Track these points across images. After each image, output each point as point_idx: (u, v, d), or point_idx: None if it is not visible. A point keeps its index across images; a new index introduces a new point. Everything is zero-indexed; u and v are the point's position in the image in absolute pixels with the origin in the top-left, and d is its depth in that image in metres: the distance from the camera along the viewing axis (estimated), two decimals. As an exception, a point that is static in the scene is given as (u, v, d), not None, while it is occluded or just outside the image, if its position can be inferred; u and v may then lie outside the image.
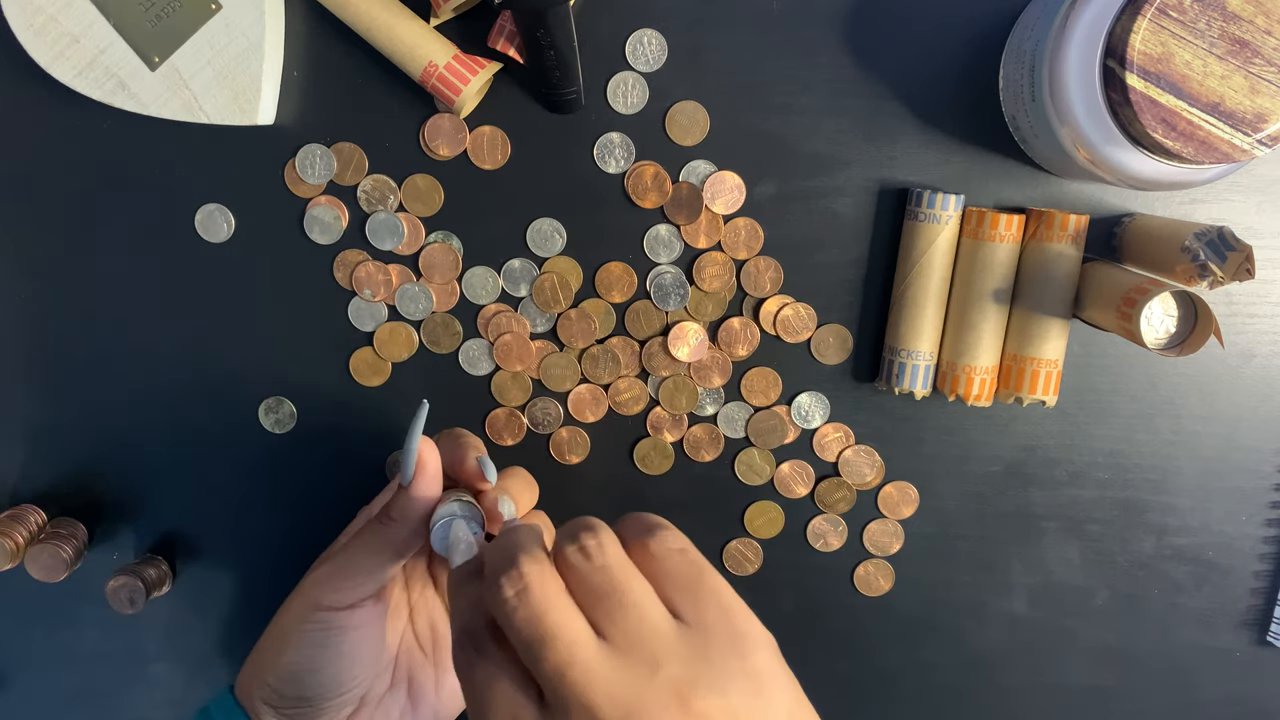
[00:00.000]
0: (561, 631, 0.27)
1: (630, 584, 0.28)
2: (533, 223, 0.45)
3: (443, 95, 0.41)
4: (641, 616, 0.27)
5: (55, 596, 0.48)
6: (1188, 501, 0.47)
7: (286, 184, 0.44)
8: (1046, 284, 0.42)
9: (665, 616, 0.28)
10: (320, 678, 0.35)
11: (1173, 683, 0.48)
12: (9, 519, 0.45)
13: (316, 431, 0.47)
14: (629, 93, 0.43)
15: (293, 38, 0.43)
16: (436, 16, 0.41)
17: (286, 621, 0.36)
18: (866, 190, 0.44)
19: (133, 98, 0.41)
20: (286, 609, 0.36)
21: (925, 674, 0.49)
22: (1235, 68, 0.34)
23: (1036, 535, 0.47)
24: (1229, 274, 0.37)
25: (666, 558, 0.29)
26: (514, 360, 0.45)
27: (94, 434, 0.46)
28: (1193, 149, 0.34)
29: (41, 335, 0.45)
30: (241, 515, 0.47)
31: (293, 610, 0.36)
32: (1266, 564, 0.47)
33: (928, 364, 0.44)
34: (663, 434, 0.46)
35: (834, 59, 0.43)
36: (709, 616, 0.28)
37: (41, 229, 0.45)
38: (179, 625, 0.48)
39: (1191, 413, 0.46)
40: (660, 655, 0.27)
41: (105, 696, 0.49)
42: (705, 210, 0.44)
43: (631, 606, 0.28)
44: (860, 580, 0.48)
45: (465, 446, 0.38)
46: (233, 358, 0.46)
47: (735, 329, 0.45)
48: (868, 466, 0.46)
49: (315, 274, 0.45)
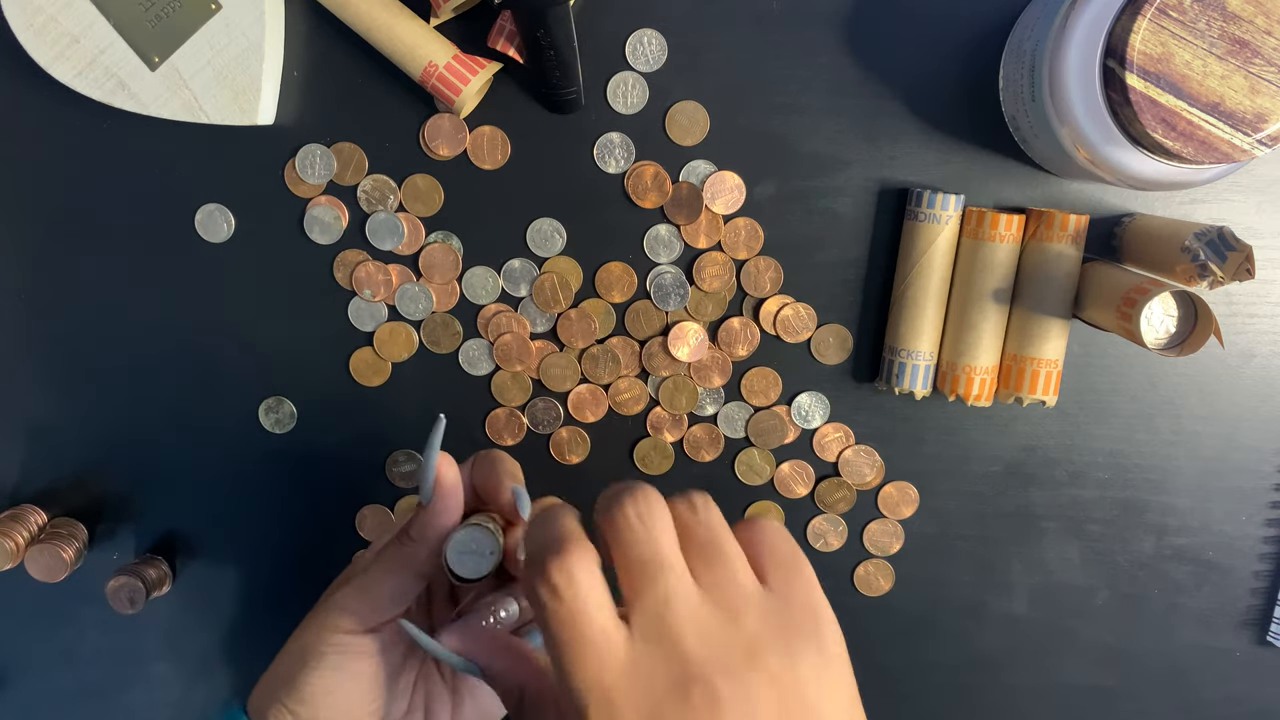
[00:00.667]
0: (676, 562, 0.28)
1: (729, 542, 0.30)
2: (533, 223, 0.45)
3: (443, 95, 0.41)
4: (734, 571, 0.29)
5: (55, 596, 0.48)
6: (1188, 501, 0.47)
7: (286, 184, 0.44)
8: (1046, 284, 0.42)
9: (754, 580, 0.29)
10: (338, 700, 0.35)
11: (1173, 683, 0.48)
12: (9, 519, 0.45)
13: (316, 431, 0.47)
14: (629, 93, 0.43)
15: (293, 38, 0.43)
16: (436, 16, 0.41)
17: (305, 643, 0.35)
18: (866, 190, 0.44)
19: (133, 98, 0.41)
20: (305, 630, 0.36)
21: (925, 674, 0.49)
22: (1235, 68, 0.34)
23: (1036, 535, 0.47)
24: (1229, 274, 0.37)
25: (766, 532, 0.31)
26: (514, 360, 0.45)
27: (94, 434, 0.46)
28: (1193, 149, 0.34)
29: (42, 335, 0.45)
30: (241, 515, 0.47)
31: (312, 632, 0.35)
32: (1266, 564, 0.47)
33: (928, 364, 0.44)
34: (663, 434, 0.46)
35: (834, 59, 0.43)
36: (794, 589, 0.29)
37: (41, 229, 0.45)
38: (179, 625, 0.48)
39: (1191, 413, 0.46)
40: (743, 608, 0.28)
41: (105, 696, 0.49)
42: (705, 210, 0.44)
43: (728, 559, 0.29)
44: (860, 580, 0.48)
45: (501, 473, 0.37)
46: (233, 358, 0.46)
47: (735, 329, 0.45)
48: (868, 466, 0.46)
49: (315, 274, 0.45)
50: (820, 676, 0.28)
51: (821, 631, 0.29)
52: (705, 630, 0.27)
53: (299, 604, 0.48)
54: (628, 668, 0.27)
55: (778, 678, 0.27)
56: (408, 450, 0.47)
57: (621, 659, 0.27)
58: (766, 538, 0.31)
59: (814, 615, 0.29)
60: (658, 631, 0.27)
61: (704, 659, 0.27)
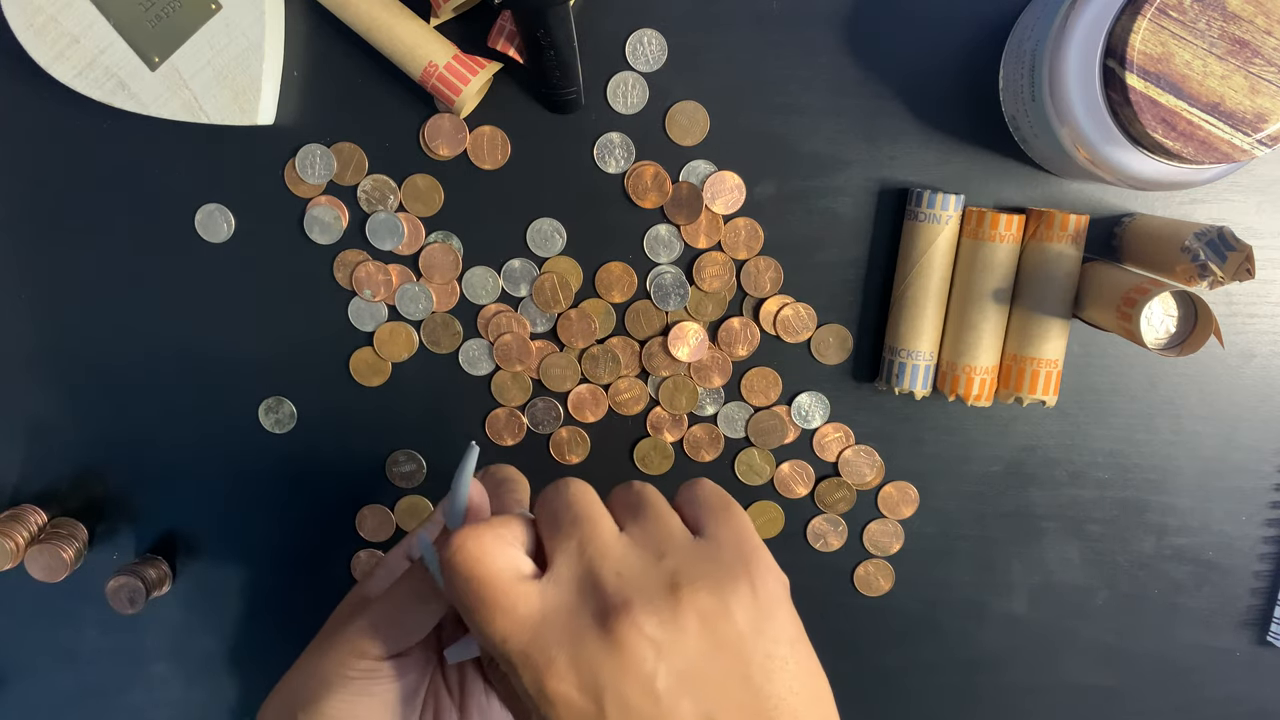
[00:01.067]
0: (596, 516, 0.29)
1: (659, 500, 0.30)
2: (533, 223, 0.45)
3: (443, 95, 0.41)
4: (660, 519, 0.29)
5: (55, 596, 0.48)
6: (1188, 501, 0.47)
7: (286, 184, 0.44)
8: (1046, 284, 0.42)
9: (684, 529, 0.29)
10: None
11: (1173, 683, 0.48)
12: (9, 519, 0.45)
13: (316, 431, 0.47)
14: (629, 93, 0.43)
15: (293, 38, 0.43)
16: (436, 16, 0.41)
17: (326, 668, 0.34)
18: (866, 190, 0.44)
19: (133, 98, 0.41)
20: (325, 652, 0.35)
21: (925, 674, 0.49)
22: (1235, 68, 0.34)
23: (1036, 535, 0.47)
24: (1229, 274, 0.37)
25: (698, 487, 0.31)
26: (514, 360, 0.45)
27: (94, 434, 0.46)
28: (1193, 149, 0.34)
29: (42, 335, 0.45)
30: (241, 515, 0.47)
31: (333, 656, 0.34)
32: (1266, 564, 0.47)
33: (928, 364, 0.44)
34: (663, 434, 0.46)
35: (834, 59, 0.43)
36: (723, 534, 0.29)
37: (41, 229, 0.45)
38: (179, 625, 0.48)
39: (1191, 413, 0.46)
40: (667, 549, 0.28)
41: (105, 696, 0.49)
42: (705, 210, 0.44)
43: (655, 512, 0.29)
44: (860, 580, 0.48)
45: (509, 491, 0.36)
46: (233, 358, 0.46)
47: (735, 329, 0.45)
48: (868, 466, 0.46)
49: (315, 274, 0.45)
50: (755, 613, 0.27)
51: (754, 570, 0.28)
52: (625, 567, 0.27)
53: (299, 604, 0.48)
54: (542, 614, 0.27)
55: (706, 613, 0.27)
56: (408, 450, 0.47)
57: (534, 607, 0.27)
58: (699, 492, 0.31)
59: (745, 556, 0.29)
60: (572, 574, 0.27)
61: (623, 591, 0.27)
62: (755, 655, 0.27)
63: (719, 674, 0.26)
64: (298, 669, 0.36)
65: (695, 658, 0.26)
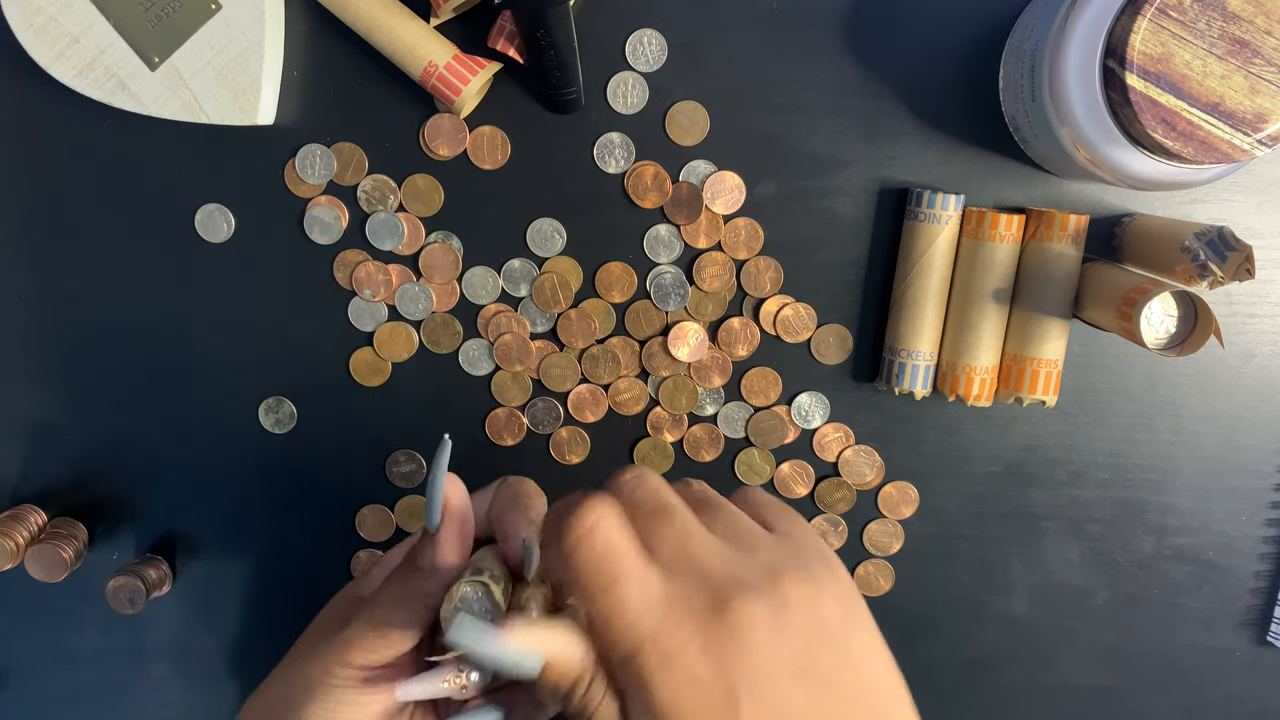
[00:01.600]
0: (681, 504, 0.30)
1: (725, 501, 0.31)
2: (533, 223, 0.45)
3: (443, 95, 0.41)
4: (738, 517, 0.30)
5: (55, 596, 0.48)
6: (1188, 501, 0.47)
7: (286, 184, 0.44)
8: (1046, 284, 0.42)
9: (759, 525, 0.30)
10: None
11: (1173, 683, 0.48)
12: (9, 519, 0.45)
13: (316, 431, 0.47)
14: (629, 93, 0.43)
15: (293, 38, 0.43)
16: (436, 16, 0.41)
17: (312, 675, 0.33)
18: (866, 190, 0.44)
19: (133, 98, 0.41)
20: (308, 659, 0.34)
21: (925, 674, 0.49)
22: (1235, 68, 0.34)
23: (1036, 535, 0.47)
24: (1229, 274, 0.37)
25: (754, 493, 0.33)
26: (514, 360, 0.45)
27: (94, 434, 0.46)
28: (1193, 149, 0.34)
29: (41, 335, 0.45)
30: (241, 515, 0.47)
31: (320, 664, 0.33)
32: (1266, 564, 0.47)
33: (928, 364, 0.44)
34: (663, 434, 0.46)
35: (834, 59, 0.43)
36: (796, 532, 0.30)
37: (41, 229, 0.45)
38: (179, 625, 0.48)
39: (1191, 413, 0.46)
40: (756, 544, 0.29)
41: (105, 696, 0.49)
42: (705, 210, 0.44)
43: (729, 511, 0.31)
44: (860, 580, 0.48)
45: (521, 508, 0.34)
46: (233, 358, 0.46)
47: (735, 329, 0.45)
48: (868, 466, 0.46)
49: (315, 274, 0.45)
50: (842, 604, 0.29)
51: (832, 564, 0.30)
52: (727, 558, 0.28)
53: (299, 604, 0.48)
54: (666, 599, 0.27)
55: (803, 600, 0.28)
56: (408, 450, 0.47)
57: (659, 592, 0.27)
58: (758, 497, 0.32)
59: (822, 553, 0.30)
60: (682, 562, 0.28)
61: (732, 581, 0.27)
62: (852, 641, 0.28)
63: (826, 658, 0.27)
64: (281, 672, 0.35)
65: (804, 643, 0.27)
